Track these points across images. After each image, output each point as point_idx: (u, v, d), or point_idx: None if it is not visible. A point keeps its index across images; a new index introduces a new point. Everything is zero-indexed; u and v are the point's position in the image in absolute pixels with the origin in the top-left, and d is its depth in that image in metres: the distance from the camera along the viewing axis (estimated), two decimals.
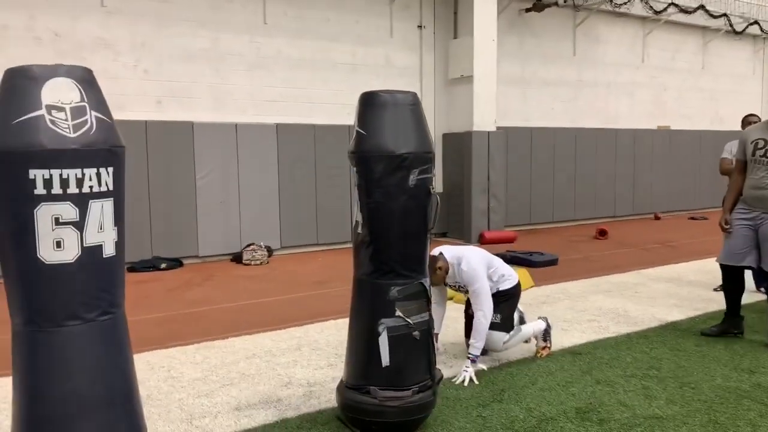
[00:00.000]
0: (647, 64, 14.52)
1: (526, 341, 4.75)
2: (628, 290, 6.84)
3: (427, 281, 3.45)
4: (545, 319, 4.79)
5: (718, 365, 4.44)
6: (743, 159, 4.92)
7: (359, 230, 3.37)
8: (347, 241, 10.34)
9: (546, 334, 4.72)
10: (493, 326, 4.40)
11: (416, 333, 3.36)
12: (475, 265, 4.31)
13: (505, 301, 4.51)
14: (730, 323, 5.05)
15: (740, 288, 5.05)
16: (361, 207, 3.34)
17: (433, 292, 4.60)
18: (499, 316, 4.43)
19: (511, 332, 4.54)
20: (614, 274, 7.73)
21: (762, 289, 6.26)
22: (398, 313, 3.31)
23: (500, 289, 4.50)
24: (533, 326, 4.70)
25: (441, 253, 4.38)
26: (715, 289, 6.65)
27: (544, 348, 4.71)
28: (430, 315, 3.47)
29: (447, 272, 4.36)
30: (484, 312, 4.23)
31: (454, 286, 4.50)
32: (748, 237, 4.83)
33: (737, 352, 4.73)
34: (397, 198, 3.25)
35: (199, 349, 4.97)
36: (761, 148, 4.76)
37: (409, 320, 3.33)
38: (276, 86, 9.92)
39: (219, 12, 9.37)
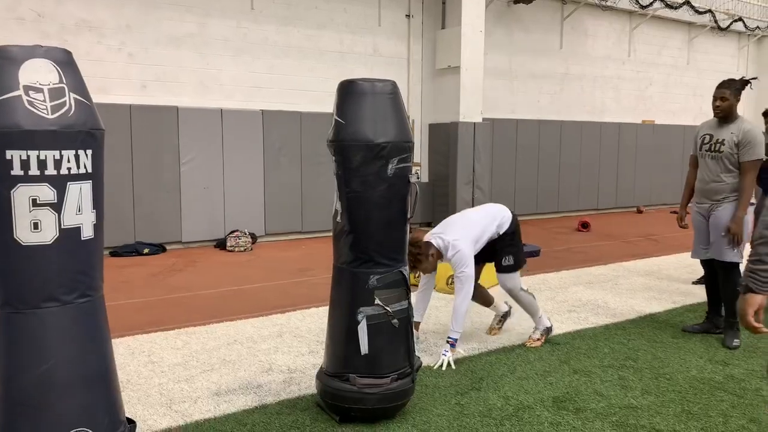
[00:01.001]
0: (633, 59, 14.61)
1: (539, 325, 4.85)
2: (608, 282, 6.92)
3: (406, 269, 3.47)
4: (551, 323, 4.92)
5: (694, 357, 4.52)
6: (695, 153, 5.04)
7: (338, 219, 3.38)
8: (332, 229, 10.28)
9: (546, 332, 4.82)
10: (507, 269, 4.62)
11: (395, 321, 3.38)
12: (463, 250, 4.28)
13: (511, 241, 4.64)
14: (712, 323, 5.08)
15: (718, 285, 5.07)
16: (340, 196, 3.35)
17: (422, 279, 4.62)
18: (511, 257, 4.62)
19: (529, 291, 4.77)
20: (595, 266, 7.81)
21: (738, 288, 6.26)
22: (377, 301, 3.33)
23: (501, 233, 4.59)
24: (544, 317, 4.84)
25: (430, 242, 4.37)
26: (694, 282, 6.74)
27: (537, 340, 4.77)
28: (410, 303, 3.49)
29: (439, 257, 4.39)
30: (464, 296, 4.27)
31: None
32: (706, 231, 4.91)
33: (712, 344, 4.80)
34: (375, 187, 3.26)
35: (180, 334, 4.96)
36: (707, 143, 4.85)
37: (388, 308, 3.35)
38: (262, 72, 9.87)
39: None
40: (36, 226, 2.29)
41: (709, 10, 14.91)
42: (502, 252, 4.62)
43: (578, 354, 4.56)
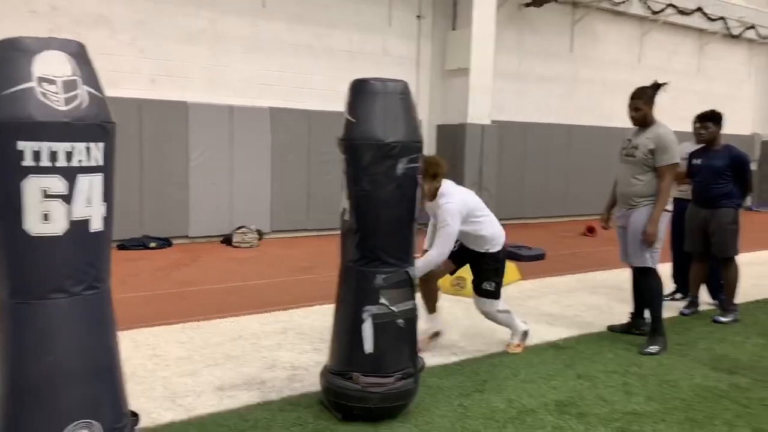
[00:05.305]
0: (643, 65, 14.53)
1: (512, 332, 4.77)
2: (613, 287, 6.89)
3: (413, 269, 3.47)
4: (526, 325, 4.79)
5: (698, 364, 4.50)
6: None
7: (346, 217, 3.39)
8: (338, 228, 10.27)
9: (524, 336, 4.73)
10: (487, 294, 4.47)
11: (400, 321, 3.38)
12: (455, 205, 4.09)
13: (496, 267, 4.46)
14: (634, 323, 5.15)
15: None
16: (348, 194, 3.35)
17: (428, 231, 4.48)
18: (492, 283, 4.46)
19: (505, 307, 4.61)
20: (601, 270, 7.78)
21: (716, 301, 6.06)
22: (383, 300, 3.33)
23: (490, 251, 4.41)
24: (519, 322, 4.72)
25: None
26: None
27: (518, 346, 4.69)
28: (415, 303, 3.49)
29: (435, 193, 4.17)
30: (440, 252, 4.02)
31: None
32: (625, 239, 4.92)
33: (717, 352, 4.78)
34: (384, 186, 3.26)
35: (185, 328, 4.98)
36: (625, 148, 4.90)
37: (393, 308, 3.35)
38: (272, 70, 9.88)
39: None
40: (46, 217, 2.30)
41: (722, 18, 14.84)
42: (486, 274, 4.44)
43: (582, 359, 4.55)
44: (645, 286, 4.90)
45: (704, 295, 6.06)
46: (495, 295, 4.49)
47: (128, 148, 8.49)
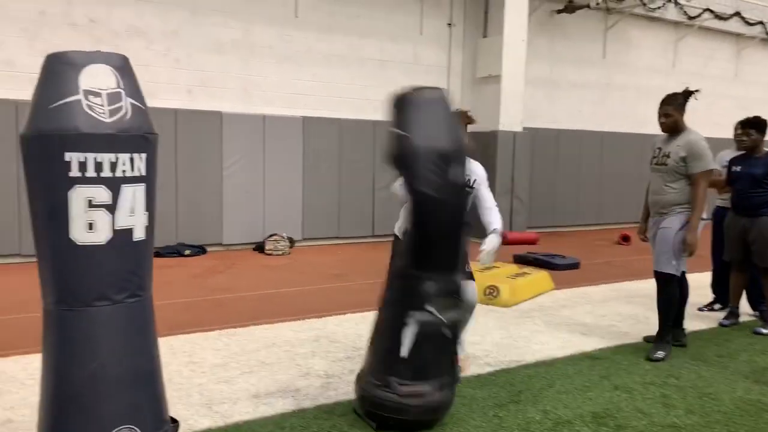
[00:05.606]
0: (678, 70, 14.31)
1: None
2: (649, 297, 6.72)
3: (459, 278, 3.47)
4: None
5: (740, 377, 4.39)
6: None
7: (399, 224, 3.46)
8: (368, 236, 10.38)
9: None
10: (470, 275, 4.12)
11: (445, 330, 3.36)
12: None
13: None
14: (672, 334, 5.00)
15: (681, 298, 4.99)
16: (403, 203, 3.42)
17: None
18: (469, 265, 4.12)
19: None
20: (636, 280, 7.65)
21: (757, 312, 5.89)
22: (430, 308, 3.32)
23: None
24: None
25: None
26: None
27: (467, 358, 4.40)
28: (460, 313, 3.50)
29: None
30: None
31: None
32: None
33: (759, 364, 4.67)
34: (437, 195, 3.27)
35: (220, 335, 5.03)
36: (656, 156, 4.86)
37: (440, 317, 3.34)
38: (304, 80, 9.97)
39: (251, 4, 9.44)
40: (91, 226, 2.36)
41: (760, 22, 14.55)
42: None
43: (618, 369, 4.48)
44: (662, 292, 4.81)
45: (744, 306, 5.92)
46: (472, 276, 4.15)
47: (164, 157, 8.62)
